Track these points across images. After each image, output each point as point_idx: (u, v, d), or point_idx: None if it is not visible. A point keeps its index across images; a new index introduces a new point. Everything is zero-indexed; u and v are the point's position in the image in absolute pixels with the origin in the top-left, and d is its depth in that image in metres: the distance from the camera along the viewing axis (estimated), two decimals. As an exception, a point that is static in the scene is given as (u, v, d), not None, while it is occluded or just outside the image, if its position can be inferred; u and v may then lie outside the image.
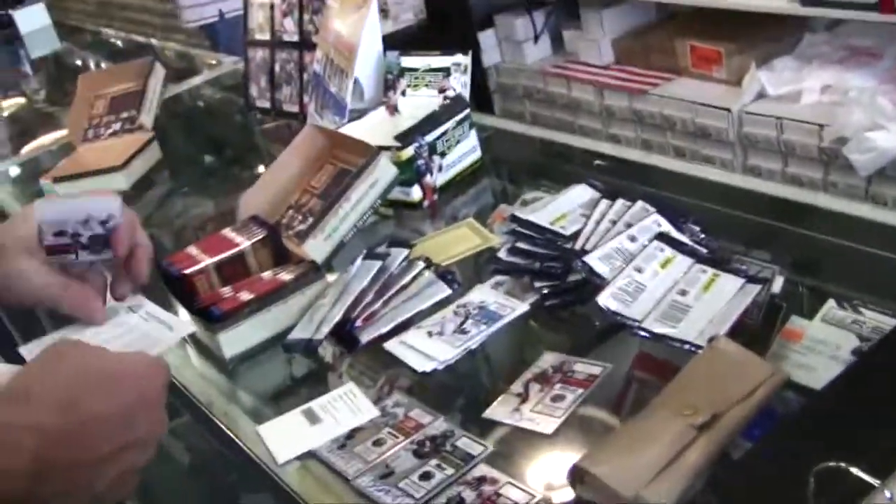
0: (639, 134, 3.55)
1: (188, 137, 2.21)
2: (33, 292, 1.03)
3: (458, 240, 1.40)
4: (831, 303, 1.12)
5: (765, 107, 3.09)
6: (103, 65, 3.52)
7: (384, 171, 1.34)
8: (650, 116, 3.45)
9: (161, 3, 4.07)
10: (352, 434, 1.06)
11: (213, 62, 2.81)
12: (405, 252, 1.27)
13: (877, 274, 1.20)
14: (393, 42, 1.77)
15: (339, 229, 1.30)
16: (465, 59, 1.60)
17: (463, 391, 1.18)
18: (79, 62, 3.69)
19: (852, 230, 1.30)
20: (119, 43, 3.96)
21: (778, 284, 1.16)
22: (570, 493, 0.91)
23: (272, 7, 2.05)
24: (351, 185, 1.30)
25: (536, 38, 3.94)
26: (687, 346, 1.06)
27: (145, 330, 1.05)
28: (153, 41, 3.77)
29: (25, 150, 2.54)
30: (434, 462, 0.99)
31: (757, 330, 1.11)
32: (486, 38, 4.07)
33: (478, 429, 1.04)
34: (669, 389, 0.98)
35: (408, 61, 1.67)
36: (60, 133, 2.65)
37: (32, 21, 4.03)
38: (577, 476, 0.90)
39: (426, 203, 1.53)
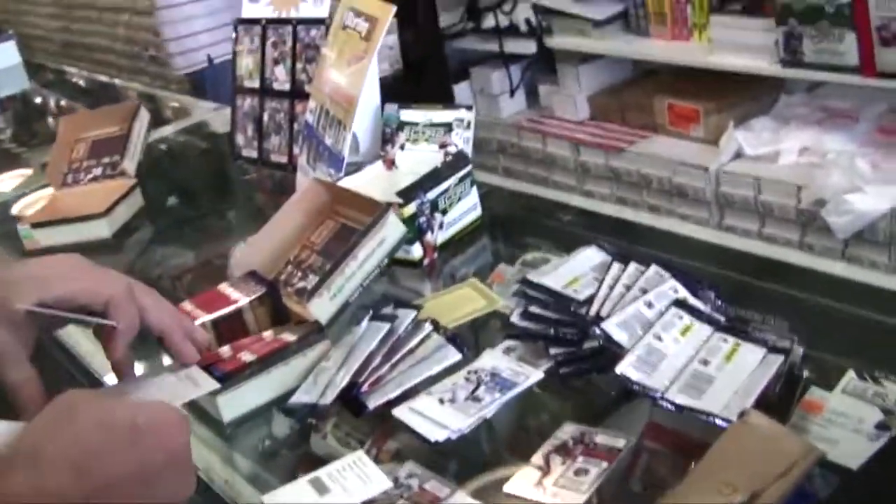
0: (614, 191, 3.55)
1: (170, 185, 2.15)
2: None
3: (461, 301, 1.36)
4: (851, 374, 1.10)
5: (742, 166, 3.10)
6: (64, 103, 3.48)
7: (392, 229, 1.30)
8: (627, 174, 3.45)
9: (143, 49, 4.01)
10: (363, 506, 1.01)
11: (176, 104, 2.77)
12: (413, 314, 1.23)
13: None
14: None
15: (344, 289, 1.26)
16: (468, 115, 1.57)
17: (474, 460, 1.13)
18: (49, 102, 3.62)
19: (868, 299, 1.28)
20: (82, 82, 3.92)
21: (797, 355, 1.14)
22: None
23: (263, 54, 2.01)
24: (358, 242, 1.26)
25: (513, 91, 3.94)
26: (715, 420, 1.02)
27: (169, 381, 0.99)
28: (117, 81, 3.74)
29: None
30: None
31: (775, 400, 1.08)
32: (461, 90, 4.07)
33: (498, 504, 0.99)
34: (703, 466, 0.94)
35: (407, 115, 1.64)
36: (24, 171, 2.61)
37: (2, 59, 3.96)
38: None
39: (426, 261, 1.49)
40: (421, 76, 3.99)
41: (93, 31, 5.69)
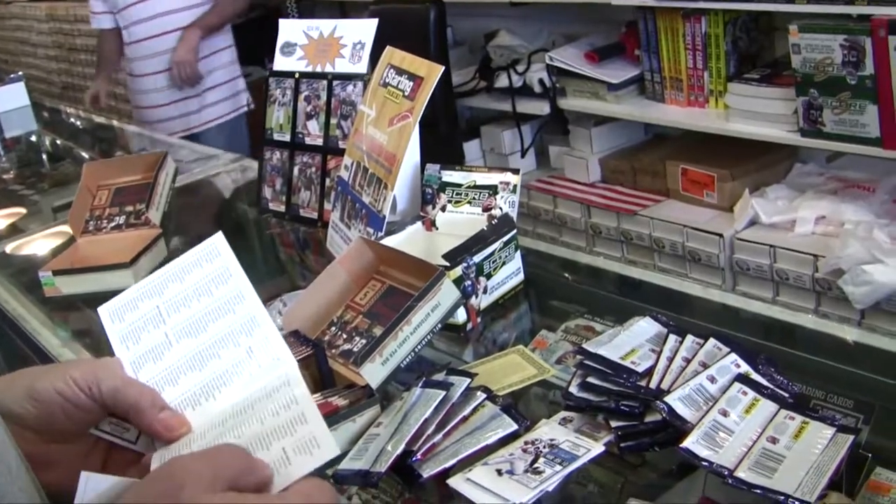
0: (625, 254, 3.54)
1: (193, 235, 2.12)
2: None
3: (509, 368, 1.34)
4: (916, 455, 1.07)
5: (757, 234, 3.10)
6: (60, 143, 3.48)
7: (447, 293, 1.27)
8: (638, 237, 3.44)
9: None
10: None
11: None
12: (467, 381, 1.20)
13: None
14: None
15: (396, 353, 1.23)
16: (514, 179, 1.55)
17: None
18: (56, 142, 3.61)
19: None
20: (79, 124, 3.92)
21: (864, 434, 1.11)
22: None
23: (295, 108, 1.99)
24: (413, 307, 1.23)
25: (524, 152, 3.94)
26: (791, 501, 0.99)
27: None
28: (115, 122, 3.75)
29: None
30: None
31: (839, 480, 1.05)
32: (471, 148, 4.07)
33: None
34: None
35: (449, 176, 1.62)
36: (18, 210, 2.58)
37: (11, 100, 3.97)
38: None
39: (469, 326, 1.46)
40: (431, 132, 3.98)
41: (93, 75, 5.69)
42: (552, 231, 3.80)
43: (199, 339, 0.85)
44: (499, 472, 1.10)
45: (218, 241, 0.91)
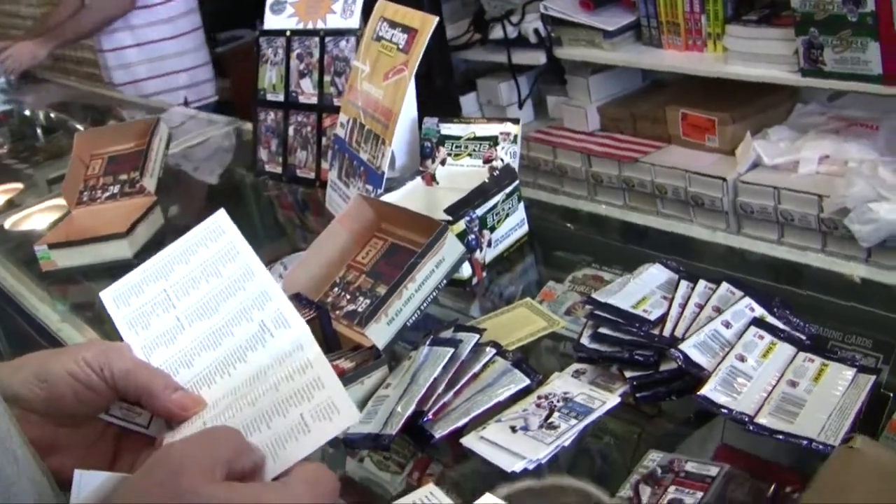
0: (627, 202, 3.50)
1: (190, 202, 2.08)
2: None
3: (518, 321, 1.31)
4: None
5: (760, 176, 3.06)
6: (54, 115, 3.43)
7: (451, 248, 1.24)
8: (640, 184, 3.40)
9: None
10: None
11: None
12: (476, 337, 1.17)
13: None
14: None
15: (402, 312, 1.20)
16: (514, 129, 1.51)
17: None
18: (50, 115, 3.56)
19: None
20: (72, 95, 3.91)
21: (884, 374, 1.09)
22: None
23: (287, 67, 1.95)
24: (417, 264, 1.20)
25: (521, 103, 3.89)
26: (814, 445, 0.97)
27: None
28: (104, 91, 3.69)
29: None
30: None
31: (858, 421, 1.03)
32: (468, 101, 4.02)
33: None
34: (813, 496, 0.88)
35: (447, 128, 1.58)
36: (15, 185, 2.55)
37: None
38: None
39: (475, 281, 1.43)
40: (427, 87, 3.93)
41: (81, 45, 5.61)
42: (553, 182, 3.75)
43: (211, 321, 0.82)
44: (513, 428, 1.08)
45: (221, 218, 0.88)
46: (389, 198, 1.52)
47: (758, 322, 1.13)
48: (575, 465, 1.09)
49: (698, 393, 1.04)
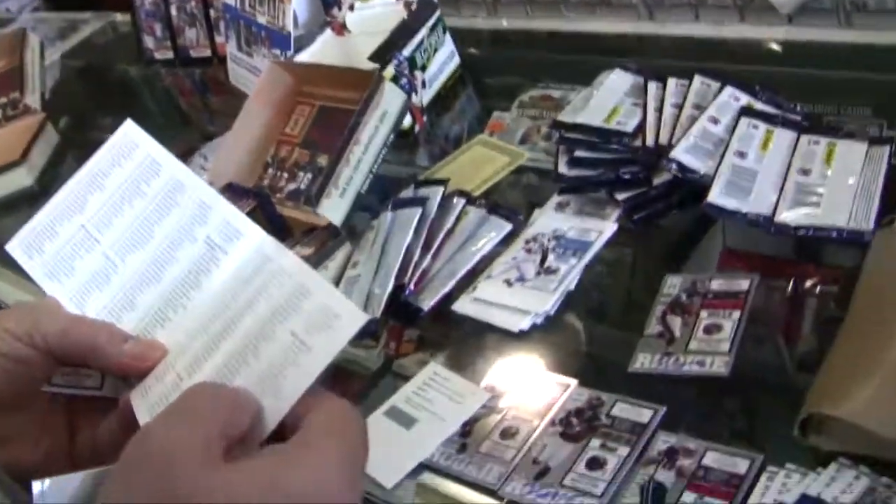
0: (529, 13, 3.33)
1: (81, 110, 1.88)
2: None
3: (478, 162, 1.18)
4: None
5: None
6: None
7: (392, 97, 1.09)
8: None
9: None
10: (466, 429, 0.84)
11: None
12: (440, 190, 1.04)
13: None
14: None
15: (353, 180, 1.06)
16: (424, -46, 1.35)
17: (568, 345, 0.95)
18: None
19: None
20: None
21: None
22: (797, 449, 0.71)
23: (154, -61, 1.74)
24: (359, 123, 1.05)
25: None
26: (846, 235, 0.87)
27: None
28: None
29: None
30: (596, 443, 0.77)
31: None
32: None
33: (626, 388, 0.83)
34: (863, 295, 0.78)
35: (349, -31, 1.41)
36: None
37: None
38: (813, 426, 0.70)
39: (417, 128, 1.29)
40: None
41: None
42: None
43: (146, 250, 0.67)
44: (508, 282, 0.97)
45: (130, 130, 0.71)
46: (303, 58, 1.36)
47: (747, 111, 1.01)
48: (600, 312, 0.98)
49: (705, 201, 0.93)
